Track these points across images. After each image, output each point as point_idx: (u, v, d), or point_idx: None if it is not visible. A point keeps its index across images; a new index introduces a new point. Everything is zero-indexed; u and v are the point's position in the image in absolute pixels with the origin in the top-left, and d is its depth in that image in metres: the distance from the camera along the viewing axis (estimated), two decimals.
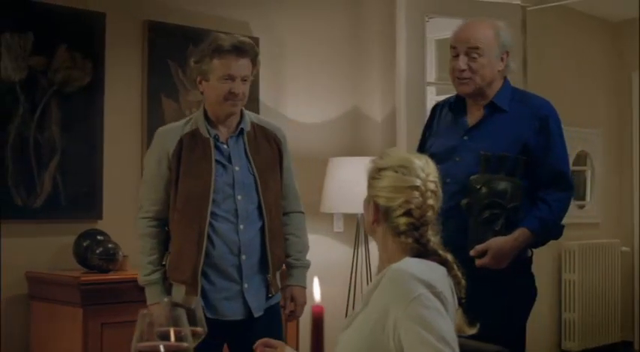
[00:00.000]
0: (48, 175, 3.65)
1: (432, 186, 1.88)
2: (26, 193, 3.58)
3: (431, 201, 1.87)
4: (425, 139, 2.98)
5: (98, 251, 3.48)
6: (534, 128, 2.72)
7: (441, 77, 5.32)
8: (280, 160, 2.91)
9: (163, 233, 2.84)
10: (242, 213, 2.77)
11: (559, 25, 6.09)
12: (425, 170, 1.88)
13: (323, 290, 1.59)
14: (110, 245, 3.51)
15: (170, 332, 1.50)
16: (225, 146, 2.81)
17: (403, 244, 1.86)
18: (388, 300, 1.75)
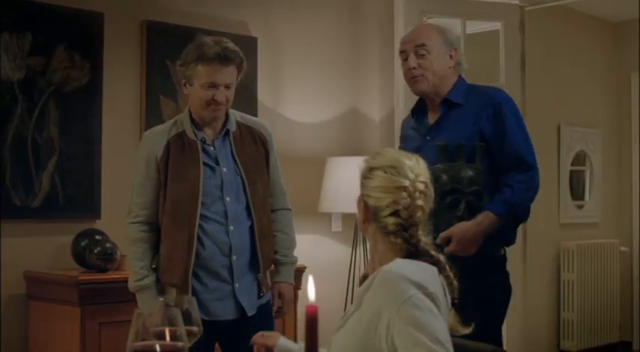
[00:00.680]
0: (46, 175, 3.65)
1: (421, 187, 1.88)
2: (24, 193, 3.59)
3: (420, 202, 1.87)
4: None
5: (96, 250, 3.48)
6: (488, 115, 2.82)
7: None
8: (267, 158, 2.91)
9: (154, 237, 2.83)
10: (231, 215, 2.77)
11: (558, 25, 6.08)
12: (414, 170, 1.88)
13: (321, 289, 1.59)
14: (108, 244, 3.51)
15: (165, 331, 1.50)
16: (211, 148, 2.81)
17: (393, 244, 1.86)
18: (380, 302, 1.75)
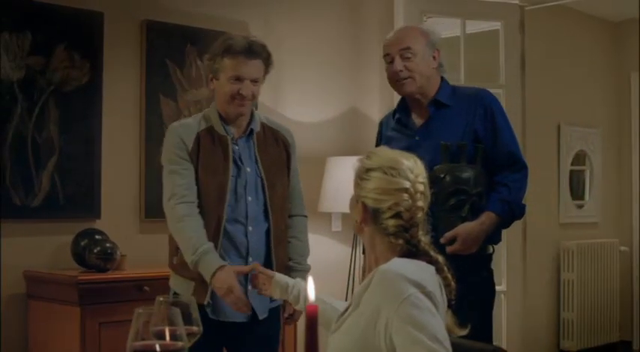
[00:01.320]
0: (46, 175, 3.65)
1: (421, 188, 1.86)
2: (24, 193, 3.58)
3: (420, 203, 1.85)
4: None
5: (96, 250, 3.48)
6: (479, 115, 2.85)
7: None
8: (288, 163, 2.87)
9: (201, 217, 2.70)
10: (251, 215, 2.73)
11: (558, 25, 6.09)
12: (414, 171, 1.87)
13: (321, 289, 1.59)
14: (108, 244, 3.51)
15: (165, 331, 1.50)
16: (236, 146, 2.77)
17: (393, 244, 1.85)
18: (379, 301, 1.74)
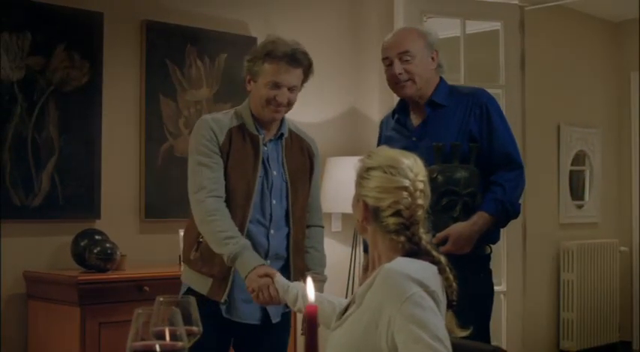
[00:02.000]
0: (46, 175, 3.65)
1: (421, 186, 1.89)
2: (24, 193, 3.59)
3: (420, 201, 1.88)
4: None
5: (96, 250, 3.48)
6: (475, 115, 2.86)
7: None
8: (311, 172, 2.85)
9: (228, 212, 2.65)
10: (274, 218, 2.71)
11: (558, 25, 6.09)
12: (414, 169, 1.89)
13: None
14: (108, 244, 3.51)
15: (165, 331, 1.50)
16: (265, 147, 2.74)
17: (395, 242, 1.87)
18: (382, 300, 1.75)
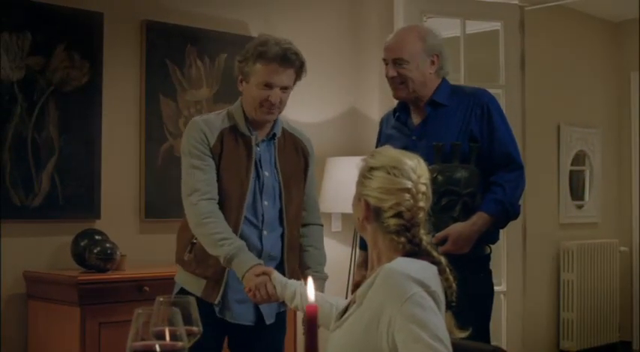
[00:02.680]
0: (46, 175, 3.65)
1: (423, 188, 1.89)
2: (24, 193, 3.58)
3: (421, 203, 1.88)
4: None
5: (96, 250, 3.48)
6: (476, 115, 2.87)
7: None
8: (305, 170, 2.85)
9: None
10: (267, 220, 2.71)
11: (558, 25, 6.09)
12: (416, 171, 1.89)
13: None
14: (108, 244, 3.51)
15: (165, 331, 1.50)
16: (258, 148, 2.74)
17: (395, 242, 1.87)
18: (382, 299, 1.76)
